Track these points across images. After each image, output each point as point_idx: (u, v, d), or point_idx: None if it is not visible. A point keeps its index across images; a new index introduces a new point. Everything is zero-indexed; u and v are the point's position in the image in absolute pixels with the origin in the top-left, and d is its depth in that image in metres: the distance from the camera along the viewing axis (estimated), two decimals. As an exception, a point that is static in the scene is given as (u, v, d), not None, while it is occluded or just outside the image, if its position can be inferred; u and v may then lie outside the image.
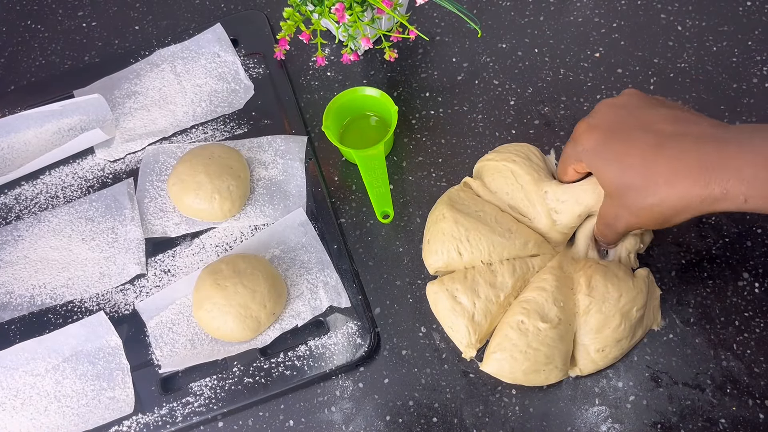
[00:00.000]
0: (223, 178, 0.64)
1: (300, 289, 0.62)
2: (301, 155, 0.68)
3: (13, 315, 0.64)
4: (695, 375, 0.56)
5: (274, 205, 0.66)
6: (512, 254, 0.57)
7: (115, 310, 0.63)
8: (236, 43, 0.77)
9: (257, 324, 0.58)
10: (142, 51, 0.77)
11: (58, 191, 0.70)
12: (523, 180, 0.59)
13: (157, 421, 0.58)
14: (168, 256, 0.65)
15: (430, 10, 0.77)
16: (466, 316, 0.55)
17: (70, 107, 0.73)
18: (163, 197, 0.68)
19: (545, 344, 0.53)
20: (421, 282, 0.62)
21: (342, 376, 0.59)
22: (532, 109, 0.70)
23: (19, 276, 0.65)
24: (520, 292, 0.57)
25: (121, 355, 0.60)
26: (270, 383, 0.58)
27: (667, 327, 0.58)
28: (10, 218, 0.69)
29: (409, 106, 0.71)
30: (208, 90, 0.74)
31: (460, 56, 0.74)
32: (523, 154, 0.60)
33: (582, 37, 0.73)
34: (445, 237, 0.57)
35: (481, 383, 0.57)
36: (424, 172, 0.67)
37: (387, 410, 0.57)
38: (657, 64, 0.70)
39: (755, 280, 0.59)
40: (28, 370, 0.60)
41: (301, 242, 0.64)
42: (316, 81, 0.74)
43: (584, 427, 0.55)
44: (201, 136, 0.72)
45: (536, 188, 0.58)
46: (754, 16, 0.72)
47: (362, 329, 0.59)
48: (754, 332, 0.57)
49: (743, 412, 0.54)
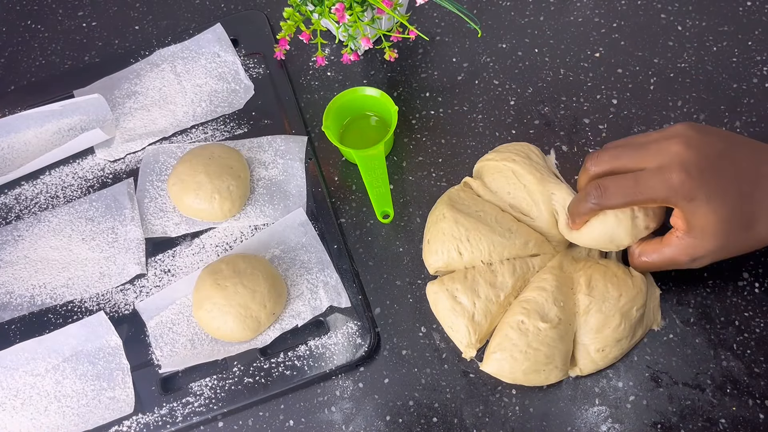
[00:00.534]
0: (223, 178, 0.64)
1: (300, 289, 0.62)
2: (301, 155, 0.68)
3: (13, 315, 0.64)
4: (695, 375, 0.56)
5: (274, 205, 0.66)
6: (512, 254, 0.57)
7: (115, 310, 0.63)
8: (236, 43, 0.77)
9: (257, 324, 0.58)
10: (142, 51, 0.77)
11: (58, 191, 0.70)
12: (526, 179, 0.59)
13: (157, 421, 0.58)
14: (168, 256, 0.65)
15: (430, 10, 0.77)
16: (466, 316, 0.55)
17: (70, 107, 0.73)
18: (163, 197, 0.68)
19: (545, 344, 0.53)
20: (421, 282, 0.62)
21: (342, 376, 0.59)
22: (532, 109, 0.70)
23: (19, 276, 0.65)
24: (520, 292, 0.57)
25: (121, 355, 0.60)
26: (270, 383, 0.58)
27: (667, 327, 0.58)
28: (10, 218, 0.69)
29: (409, 106, 0.71)
30: (208, 90, 0.74)
31: (460, 56, 0.74)
32: (523, 154, 0.60)
33: (582, 37, 0.73)
34: (446, 237, 0.57)
35: (481, 383, 0.57)
36: (424, 172, 0.67)
37: (387, 410, 0.57)
38: (657, 64, 0.70)
39: (755, 280, 0.59)
40: (28, 370, 0.60)
41: (301, 242, 0.64)
42: (316, 81, 0.74)
43: (584, 427, 0.55)
44: (201, 136, 0.72)
45: (541, 188, 0.58)
46: (754, 16, 0.72)
47: (362, 329, 0.59)
48: (754, 332, 0.57)
49: (743, 412, 0.54)
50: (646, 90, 0.69)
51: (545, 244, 0.59)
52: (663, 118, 0.67)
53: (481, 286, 0.56)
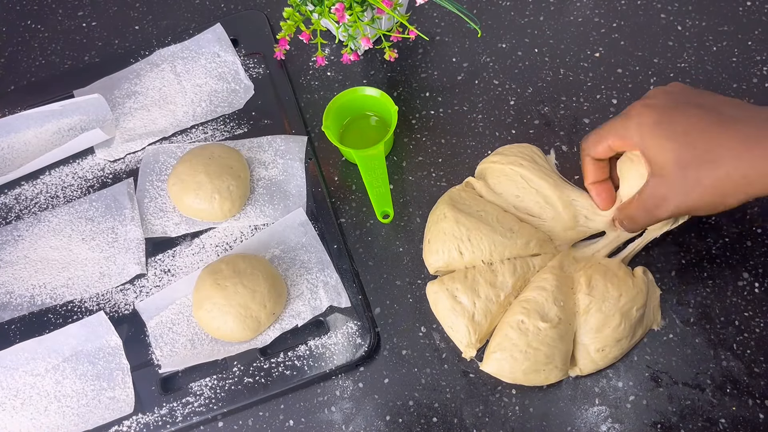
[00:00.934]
0: (223, 178, 0.64)
1: (300, 289, 0.62)
2: (301, 155, 0.68)
3: (13, 315, 0.64)
4: (695, 375, 0.56)
5: (274, 205, 0.66)
6: (513, 254, 0.57)
7: (115, 310, 0.63)
8: (236, 43, 0.77)
9: (257, 324, 0.58)
10: (142, 51, 0.77)
11: (58, 191, 0.70)
12: (537, 184, 0.59)
13: (157, 421, 0.58)
14: (168, 256, 0.65)
15: (430, 10, 0.77)
16: (466, 316, 0.55)
17: (70, 107, 0.73)
18: (163, 197, 0.68)
19: (545, 344, 0.53)
20: (421, 282, 0.62)
21: (342, 376, 0.59)
22: (532, 109, 0.70)
23: (19, 276, 0.65)
24: (521, 292, 0.57)
25: (121, 355, 0.60)
26: (270, 383, 0.58)
27: (667, 327, 0.58)
28: (10, 218, 0.69)
29: (409, 106, 0.71)
30: (208, 90, 0.74)
31: (460, 56, 0.74)
32: (528, 157, 0.60)
33: (582, 37, 0.73)
34: (446, 236, 0.57)
35: (481, 383, 0.57)
36: (424, 172, 0.67)
37: (387, 410, 0.57)
38: (657, 64, 0.70)
39: (755, 280, 0.59)
40: (28, 370, 0.60)
41: (301, 242, 0.64)
42: (316, 81, 0.74)
43: (584, 427, 0.55)
44: (201, 136, 0.72)
45: (559, 193, 0.58)
46: (754, 16, 0.72)
47: (362, 329, 0.59)
48: (754, 332, 0.57)
49: (743, 412, 0.54)
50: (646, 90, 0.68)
51: (547, 243, 0.59)
52: (663, 118, 0.67)
53: (482, 286, 0.56)
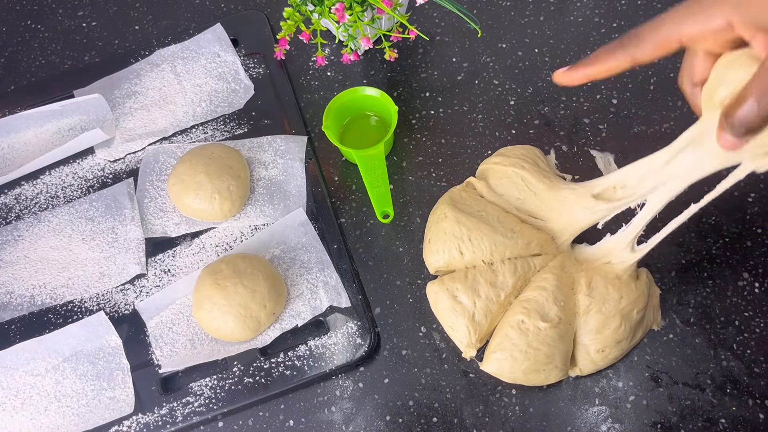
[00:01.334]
0: (223, 178, 0.64)
1: (300, 289, 0.62)
2: (301, 155, 0.68)
3: (13, 315, 0.64)
4: (695, 375, 0.56)
5: (274, 205, 0.66)
6: (514, 253, 0.57)
7: (115, 310, 0.63)
8: (236, 43, 0.77)
9: (257, 324, 0.58)
10: (142, 51, 0.77)
11: (58, 191, 0.70)
12: (536, 188, 0.58)
13: (157, 421, 0.58)
14: (168, 256, 0.65)
15: (430, 10, 0.77)
16: (467, 316, 0.55)
17: (70, 107, 0.73)
18: (163, 197, 0.68)
19: (545, 344, 0.53)
20: (421, 282, 0.62)
21: (342, 376, 0.59)
22: (532, 109, 0.70)
23: (19, 276, 0.65)
24: (521, 292, 0.57)
25: (121, 355, 0.60)
26: (270, 383, 0.58)
27: (667, 327, 0.58)
28: (10, 218, 0.69)
29: (409, 106, 0.71)
30: (208, 90, 0.74)
31: (460, 56, 0.74)
32: (530, 160, 0.60)
33: (582, 37, 0.73)
34: (447, 236, 0.57)
35: (481, 383, 0.57)
36: (424, 172, 0.67)
37: (387, 410, 0.57)
38: (657, 64, 0.70)
39: (755, 280, 0.59)
40: (28, 370, 0.60)
41: (301, 242, 0.64)
42: (316, 81, 0.74)
43: (584, 427, 0.55)
44: (201, 136, 0.72)
45: (554, 194, 0.58)
46: (754, 16, 0.72)
47: (362, 329, 0.59)
48: (754, 332, 0.57)
49: (743, 412, 0.54)
50: (646, 90, 0.69)
51: (548, 244, 0.59)
52: (663, 118, 0.67)
53: (482, 286, 0.56)
